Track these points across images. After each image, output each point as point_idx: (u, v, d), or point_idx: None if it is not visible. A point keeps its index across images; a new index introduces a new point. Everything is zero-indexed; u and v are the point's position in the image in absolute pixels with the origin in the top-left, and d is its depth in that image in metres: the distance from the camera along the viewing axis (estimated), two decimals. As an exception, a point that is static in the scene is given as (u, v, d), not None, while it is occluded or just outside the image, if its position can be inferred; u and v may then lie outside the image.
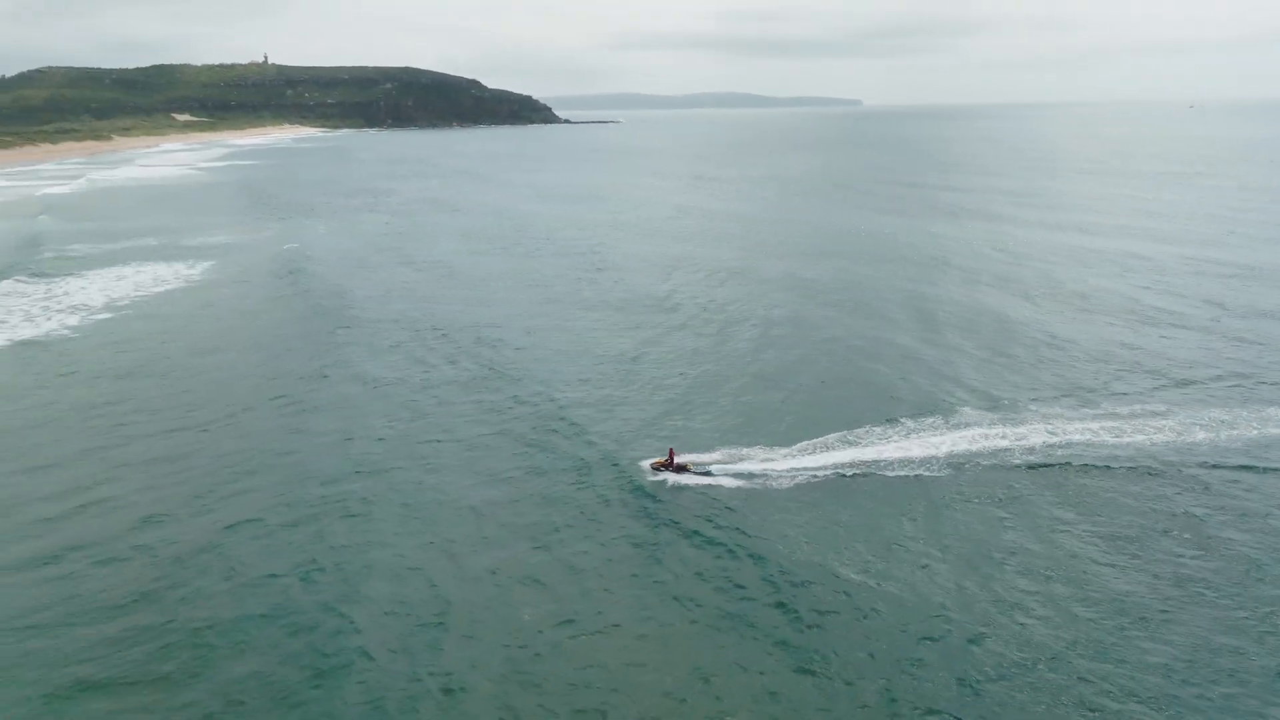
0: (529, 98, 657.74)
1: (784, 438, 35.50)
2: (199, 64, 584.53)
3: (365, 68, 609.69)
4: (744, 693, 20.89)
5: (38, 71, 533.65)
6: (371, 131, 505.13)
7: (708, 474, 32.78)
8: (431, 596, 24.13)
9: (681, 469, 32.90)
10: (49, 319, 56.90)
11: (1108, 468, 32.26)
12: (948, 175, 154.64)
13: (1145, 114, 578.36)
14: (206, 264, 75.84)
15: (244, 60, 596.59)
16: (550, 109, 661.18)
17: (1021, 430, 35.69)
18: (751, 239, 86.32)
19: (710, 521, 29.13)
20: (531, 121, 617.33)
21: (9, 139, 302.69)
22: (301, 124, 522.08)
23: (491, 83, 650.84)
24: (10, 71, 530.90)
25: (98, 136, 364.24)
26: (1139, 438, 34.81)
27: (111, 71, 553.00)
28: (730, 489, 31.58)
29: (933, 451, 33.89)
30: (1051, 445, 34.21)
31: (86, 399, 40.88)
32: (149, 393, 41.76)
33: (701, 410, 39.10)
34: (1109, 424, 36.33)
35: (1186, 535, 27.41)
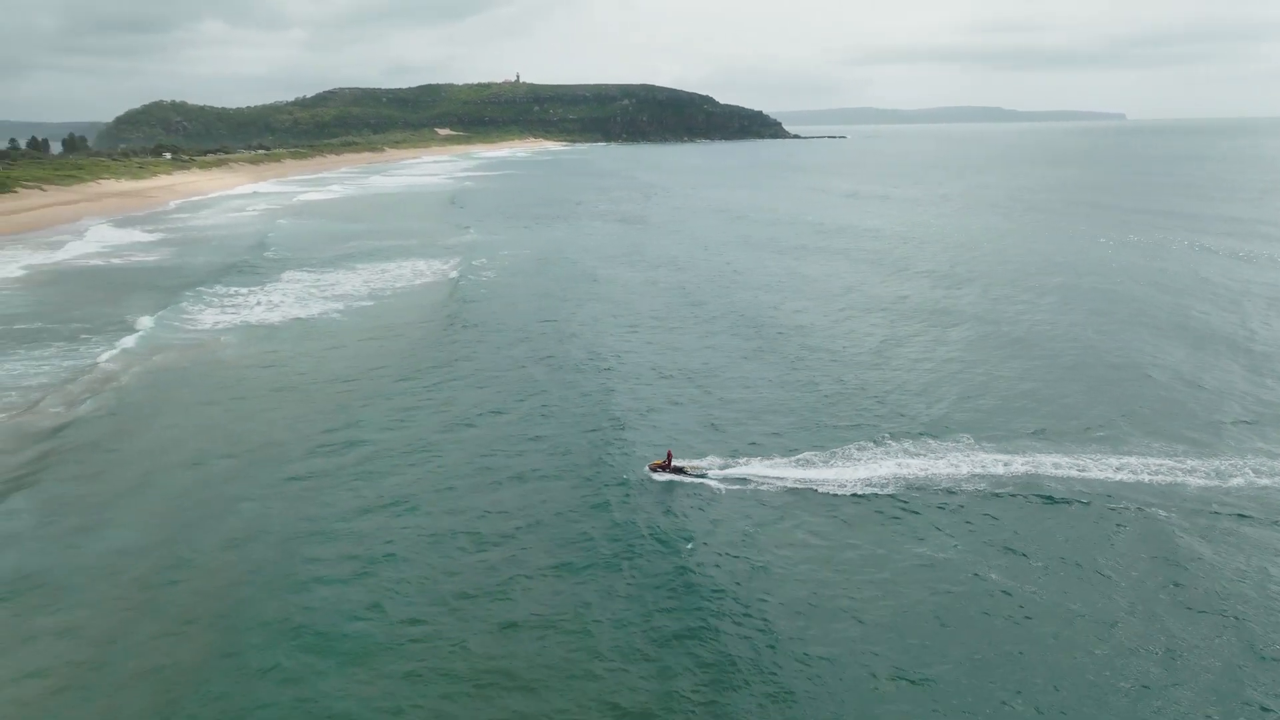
0: (759, 113, 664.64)
1: (798, 449, 35.77)
2: (460, 83, 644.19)
3: (606, 85, 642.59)
4: (662, 695, 21.45)
5: (330, 93, 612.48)
6: (604, 146, 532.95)
7: (703, 477, 33.31)
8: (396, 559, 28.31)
9: (679, 470, 33.59)
10: (318, 304, 67.82)
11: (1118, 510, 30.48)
12: (1172, 196, 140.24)
13: None
14: (444, 261, 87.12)
15: (499, 79, 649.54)
16: (780, 124, 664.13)
17: (1024, 459, 34.23)
18: (905, 260, 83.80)
19: (684, 522, 30.08)
20: (761, 136, 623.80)
21: (305, 152, 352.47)
22: (544, 138, 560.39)
23: (725, 98, 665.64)
24: (310, 93, 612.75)
25: (373, 149, 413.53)
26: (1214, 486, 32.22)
27: (388, 91, 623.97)
28: (721, 493, 32.28)
29: (948, 472, 33.19)
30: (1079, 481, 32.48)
31: (344, 363, 50.70)
32: (390, 360, 50.70)
33: (739, 422, 39.87)
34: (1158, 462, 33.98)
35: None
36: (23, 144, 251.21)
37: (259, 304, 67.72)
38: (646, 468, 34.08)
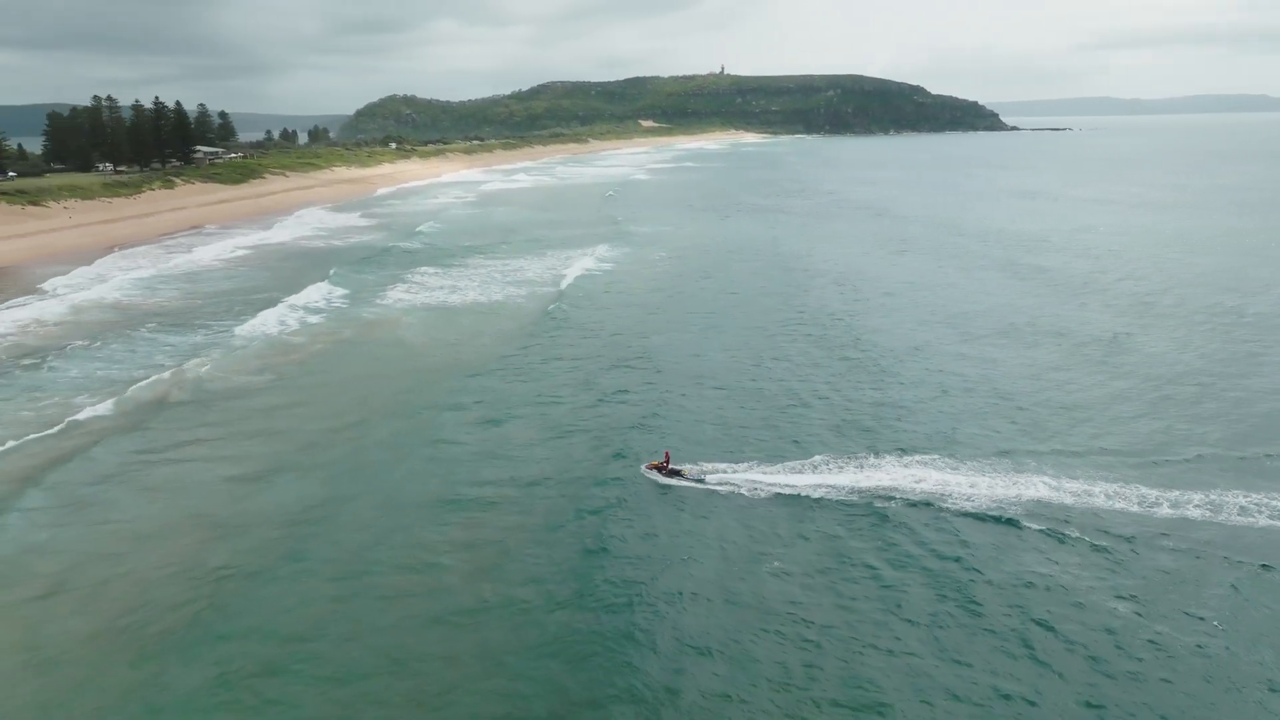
0: (974, 103, 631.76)
1: (800, 457, 35.18)
2: (666, 75, 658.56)
3: (811, 75, 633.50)
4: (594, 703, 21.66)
5: (543, 86, 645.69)
6: (803, 138, 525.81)
7: (700, 481, 32.97)
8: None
9: (675, 473, 33.28)
10: (499, 289, 72.54)
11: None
12: None
13: None
14: (579, 253, 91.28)
15: (704, 71, 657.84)
16: (996, 116, 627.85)
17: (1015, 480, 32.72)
18: (1062, 271, 76.64)
19: (669, 524, 30.16)
20: (975, 129, 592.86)
21: (515, 143, 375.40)
22: (745, 130, 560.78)
23: (939, 88, 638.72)
24: (526, 86, 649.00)
25: (578, 140, 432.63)
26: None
27: (597, 84, 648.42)
28: (713, 497, 31.98)
29: (975, 491, 31.98)
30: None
31: (506, 340, 55.92)
32: (557, 339, 55.77)
33: (770, 430, 39.02)
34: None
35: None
36: (276, 135, 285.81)
37: (442, 286, 74.36)
38: (643, 467, 34.10)
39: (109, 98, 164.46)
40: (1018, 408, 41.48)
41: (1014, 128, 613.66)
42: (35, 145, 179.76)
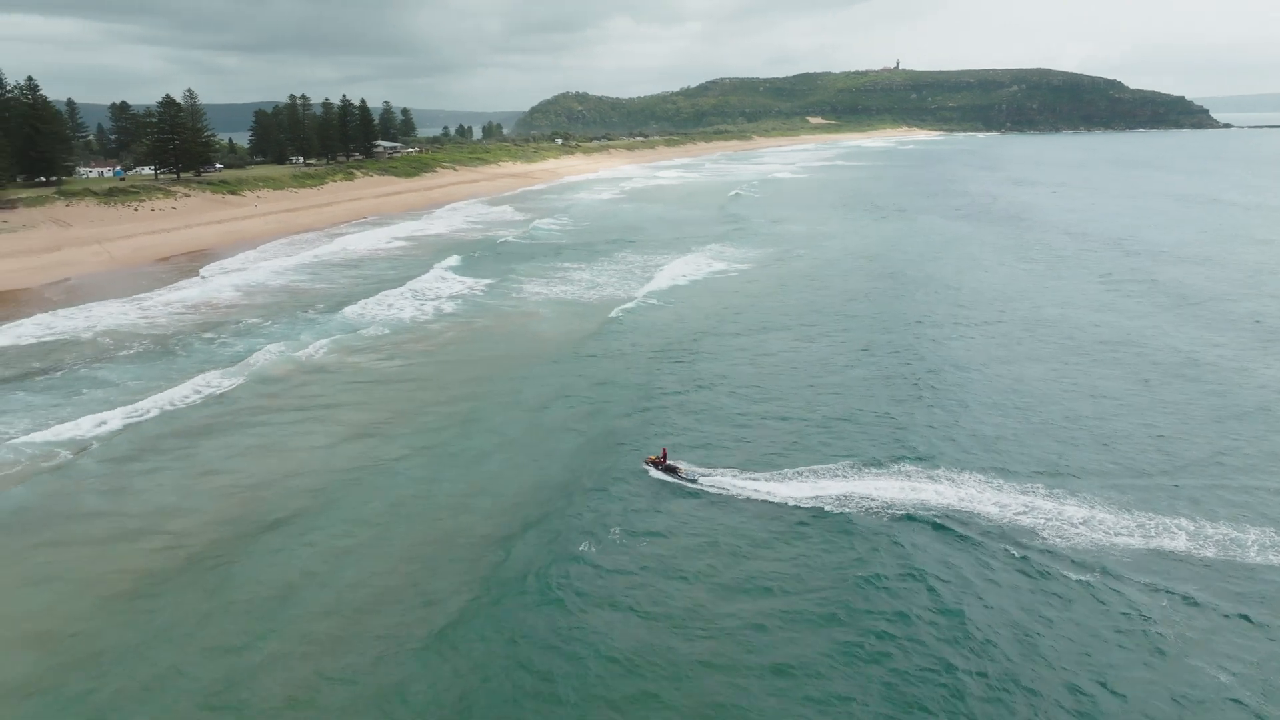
0: (1179, 99, 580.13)
1: (791, 466, 35.71)
2: (837, 71, 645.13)
3: (993, 70, 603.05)
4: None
5: (711, 82, 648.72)
6: (978, 135, 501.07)
7: (694, 481, 34.13)
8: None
9: (672, 470, 34.69)
10: (595, 284, 75.64)
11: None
12: None
13: None
14: (732, 250, 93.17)
15: (878, 66, 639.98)
16: (1206, 111, 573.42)
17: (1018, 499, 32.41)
18: (1211, 294, 69.95)
19: (655, 522, 31.50)
20: (1179, 126, 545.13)
21: (678, 139, 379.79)
22: (919, 127, 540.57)
23: (1139, 83, 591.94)
24: (695, 83, 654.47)
25: (742, 137, 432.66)
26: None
27: (765, 80, 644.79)
28: (706, 497, 33.19)
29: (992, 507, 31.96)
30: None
31: (583, 336, 59.21)
32: (719, 319, 59.11)
33: (785, 441, 38.94)
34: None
35: None
36: (453, 131, 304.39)
37: (541, 279, 78.45)
38: (644, 461, 35.88)
39: (303, 96, 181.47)
40: (1126, 438, 39.44)
41: (1226, 125, 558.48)
42: (245, 140, 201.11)
